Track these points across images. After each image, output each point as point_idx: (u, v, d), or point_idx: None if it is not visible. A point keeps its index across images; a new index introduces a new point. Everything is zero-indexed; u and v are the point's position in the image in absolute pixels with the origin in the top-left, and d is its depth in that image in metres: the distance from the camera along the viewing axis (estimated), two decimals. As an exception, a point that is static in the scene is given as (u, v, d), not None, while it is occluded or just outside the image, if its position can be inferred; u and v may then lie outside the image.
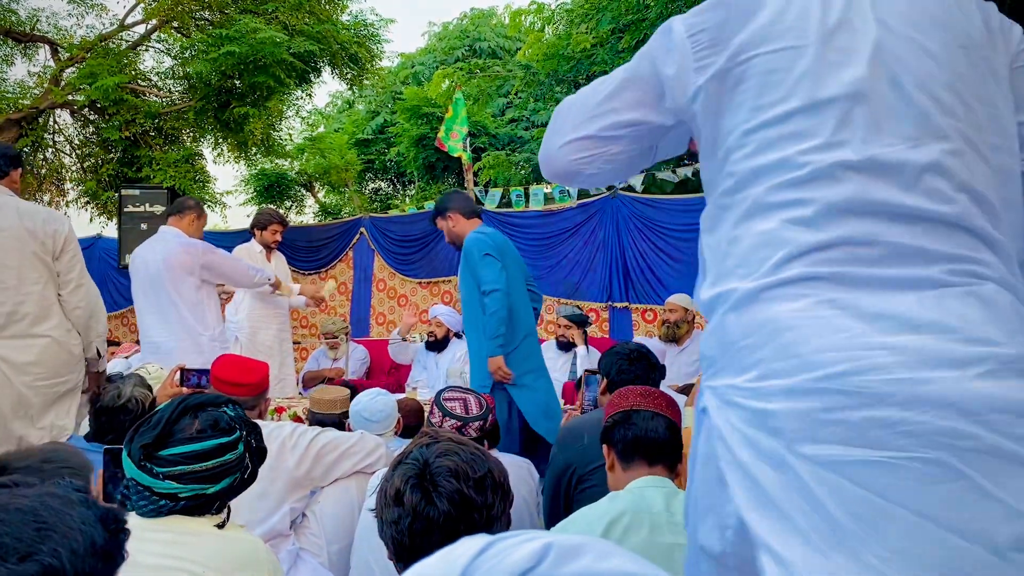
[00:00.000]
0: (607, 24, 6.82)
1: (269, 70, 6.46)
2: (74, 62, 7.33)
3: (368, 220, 7.56)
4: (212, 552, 1.44)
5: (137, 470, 1.43)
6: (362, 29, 7.56)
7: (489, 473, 1.24)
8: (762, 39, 1.06)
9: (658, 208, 6.06)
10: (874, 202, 0.97)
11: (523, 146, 9.69)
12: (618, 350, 2.78)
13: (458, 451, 1.25)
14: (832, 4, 1.05)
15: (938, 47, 1.03)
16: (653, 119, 1.21)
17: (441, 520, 1.18)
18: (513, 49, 11.66)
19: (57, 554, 0.83)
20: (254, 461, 1.57)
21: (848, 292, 0.95)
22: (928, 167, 0.97)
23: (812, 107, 1.02)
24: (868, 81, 1.01)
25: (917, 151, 0.98)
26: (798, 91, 1.03)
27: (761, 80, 1.06)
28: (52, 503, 0.88)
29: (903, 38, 1.03)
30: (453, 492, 1.19)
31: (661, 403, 1.85)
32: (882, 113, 1.00)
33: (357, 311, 7.46)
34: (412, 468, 1.23)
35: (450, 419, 2.33)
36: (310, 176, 10.72)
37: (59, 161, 8.03)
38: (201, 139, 7.98)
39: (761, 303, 1.00)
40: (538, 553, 0.50)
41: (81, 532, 0.87)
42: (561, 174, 1.32)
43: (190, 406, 1.50)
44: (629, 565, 0.49)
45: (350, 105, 14.13)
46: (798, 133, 1.02)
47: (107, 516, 0.92)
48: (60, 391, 2.96)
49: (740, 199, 1.06)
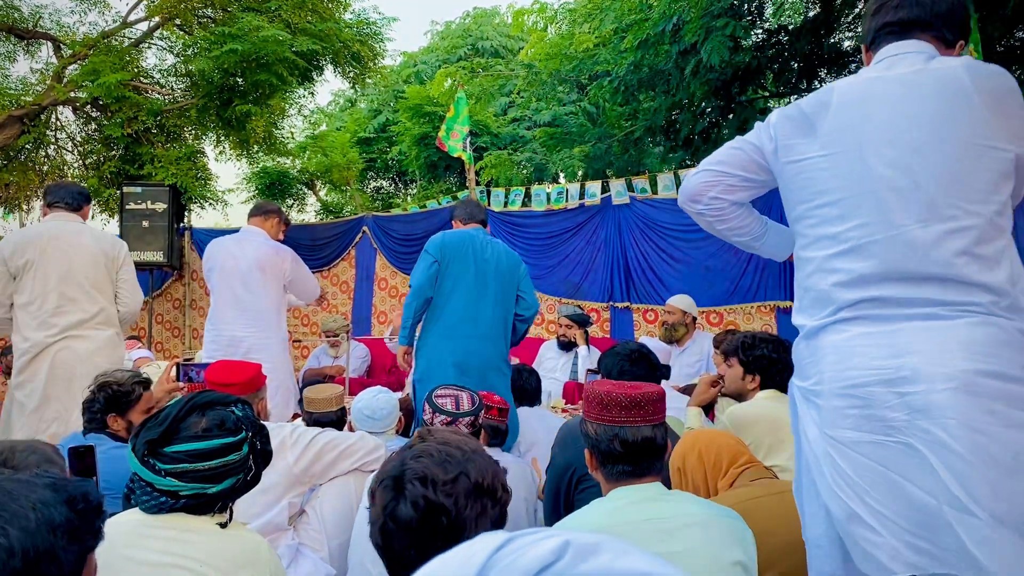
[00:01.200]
0: (609, 24, 6.82)
1: (271, 68, 6.46)
2: (77, 59, 7.33)
3: (371, 219, 7.56)
4: (213, 550, 1.44)
5: (140, 465, 1.43)
6: (365, 28, 7.55)
7: (463, 475, 1.21)
8: (819, 145, 1.57)
9: (659, 208, 6.05)
10: (893, 271, 1.45)
11: (525, 145, 9.68)
12: (619, 350, 2.76)
13: (433, 452, 1.24)
14: (866, 117, 1.51)
15: (945, 146, 1.43)
16: (756, 172, 1.76)
17: (404, 524, 1.18)
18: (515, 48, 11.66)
19: (4, 531, 0.87)
20: (258, 463, 1.56)
21: (873, 327, 1.47)
22: (933, 243, 1.42)
23: (853, 197, 1.50)
24: (892, 178, 1.46)
25: (925, 230, 1.42)
26: (844, 184, 1.52)
27: (816, 174, 1.57)
28: (7, 486, 0.93)
29: (918, 143, 1.45)
30: (418, 497, 1.18)
31: (648, 412, 1.70)
32: (902, 201, 1.45)
33: (358, 310, 7.47)
34: (390, 469, 1.24)
35: (440, 415, 2.35)
36: (312, 174, 10.72)
37: (61, 158, 8.03)
38: (203, 137, 7.98)
39: (819, 336, 1.56)
40: (556, 550, 0.50)
41: (35, 510, 0.91)
42: (690, 193, 1.82)
43: (198, 404, 1.49)
44: (646, 564, 0.50)
45: (352, 103, 14.13)
46: (843, 216, 1.52)
47: (74, 497, 0.96)
48: None
49: (808, 258, 1.61)
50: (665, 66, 6.71)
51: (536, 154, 8.83)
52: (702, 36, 5.63)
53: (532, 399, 3.61)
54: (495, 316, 3.43)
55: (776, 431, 2.60)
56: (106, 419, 2.50)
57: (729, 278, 5.70)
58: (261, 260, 3.98)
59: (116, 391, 2.52)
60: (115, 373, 2.62)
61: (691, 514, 1.61)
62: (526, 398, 3.57)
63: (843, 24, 7.20)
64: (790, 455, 2.54)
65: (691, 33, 5.68)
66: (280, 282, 4.07)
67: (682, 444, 2.29)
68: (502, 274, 3.48)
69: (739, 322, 5.65)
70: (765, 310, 5.60)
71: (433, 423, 2.33)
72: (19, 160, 7.65)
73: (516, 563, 0.50)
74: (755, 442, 2.55)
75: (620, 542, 0.51)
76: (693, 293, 5.24)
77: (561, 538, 0.51)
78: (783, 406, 2.73)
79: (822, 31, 6.78)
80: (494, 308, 3.43)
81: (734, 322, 5.66)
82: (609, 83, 7.23)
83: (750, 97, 7.63)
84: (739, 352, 2.85)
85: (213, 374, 2.61)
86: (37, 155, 7.85)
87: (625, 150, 7.97)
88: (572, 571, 0.49)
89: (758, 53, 6.95)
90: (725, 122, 7.62)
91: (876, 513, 1.40)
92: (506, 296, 3.48)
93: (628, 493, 1.65)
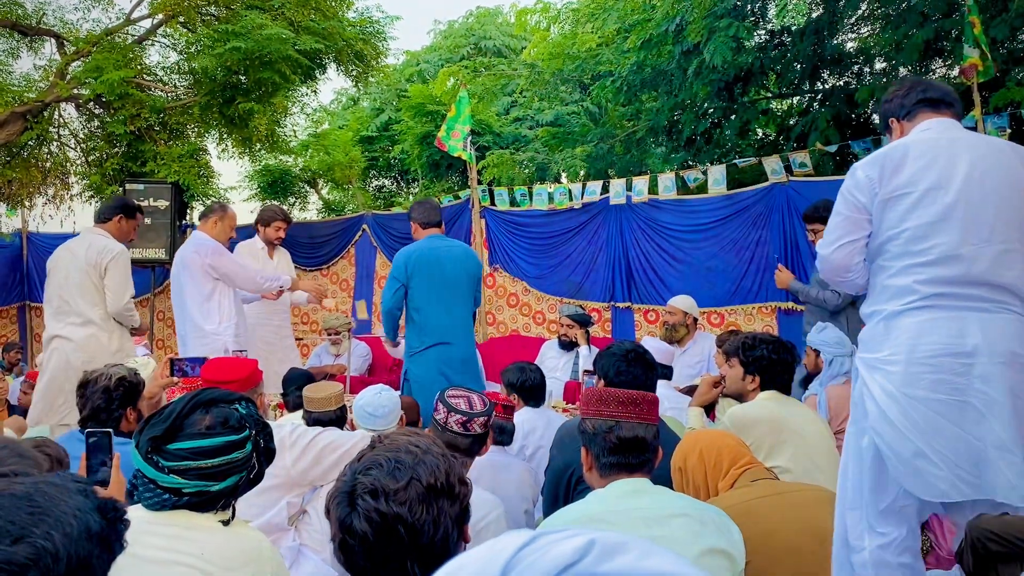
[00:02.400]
0: (613, 24, 6.81)
1: (274, 66, 6.46)
2: (80, 56, 7.33)
3: (371, 217, 7.56)
4: (216, 548, 1.44)
5: (143, 462, 1.43)
6: (368, 26, 7.54)
7: (415, 480, 1.18)
8: (905, 183, 2.06)
9: (661, 209, 6.05)
10: (961, 276, 1.98)
11: (527, 145, 9.67)
12: (615, 351, 2.75)
13: (383, 462, 1.21)
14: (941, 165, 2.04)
15: (1001, 187, 2.01)
16: (865, 224, 2.17)
17: (361, 538, 1.15)
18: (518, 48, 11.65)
19: (50, 537, 0.84)
20: (261, 461, 1.55)
21: (942, 313, 1.98)
22: (993, 258, 1.97)
23: (932, 223, 2.02)
24: (960, 208, 2.00)
25: (987, 248, 1.98)
26: (925, 213, 2.03)
27: (904, 205, 2.06)
28: (47, 490, 0.90)
29: (980, 184, 2.01)
30: (371, 511, 1.15)
31: (643, 410, 1.80)
32: (969, 225, 1.99)
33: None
34: (342, 485, 1.22)
35: (455, 414, 2.37)
36: (314, 173, 10.71)
37: (64, 155, 8.03)
38: (206, 134, 7.97)
39: (899, 317, 2.04)
40: (582, 548, 0.50)
41: (75, 517, 0.88)
42: (838, 268, 2.23)
43: (202, 401, 1.49)
44: (671, 565, 0.49)
45: (355, 102, 14.11)
46: (925, 236, 2.03)
47: (105, 505, 0.95)
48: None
49: (890, 266, 2.10)
50: (668, 66, 6.71)
51: (538, 154, 8.82)
52: (705, 36, 5.63)
53: (537, 397, 3.58)
54: (465, 313, 4.13)
55: (777, 432, 2.60)
56: (125, 412, 2.53)
57: (731, 279, 5.70)
58: (184, 259, 4.56)
59: (131, 384, 2.55)
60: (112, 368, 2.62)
61: (676, 506, 1.70)
62: (532, 397, 3.55)
63: (845, 26, 7.19)
64: (791, 455, 2.55)
65: (694, 33, 5.68)
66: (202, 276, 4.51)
67: (683, 444, 2.29)
68: (469, 274, 4.15)
69: (740, 323, 5.65)
70: (766, 311, 5.59)
71: (447, 422, 2.37)
72: (22, 157, 7.65)
73: (540, 561, 0.50)
74: (756, 443, 2.55)
75: (645, 543, 0.51)
76: (694, 293, 5.24)
77: (586, 537, 0.51)
78: (783, 407, 2.73)
79: (825, 33, 6.78)
80: (463, 307, 4.11)
81: (735, 323, 5.66)
82: (612, 83, 7.22)
83: (752, 98, 7.63)
84: (739, 352, 2.86)
85: (210, 372, 2.62)
86: (40, 152, 7.84)
87: (627, 150, 7.97)
88: (596, 570, 0.48)
89: (760, 54, 6.94)
90: (727, 123, 7.62)
91: (938, 452, 1.90)
92: (470, 293, 4.16)
93: (619, 486, 1.74)
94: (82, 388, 2.55)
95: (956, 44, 5.51)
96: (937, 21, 5.84)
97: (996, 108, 5.18)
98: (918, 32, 5.81)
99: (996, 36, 5.34)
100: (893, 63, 6.92)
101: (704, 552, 1.62)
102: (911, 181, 2.05)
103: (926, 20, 5.88)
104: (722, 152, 7.85)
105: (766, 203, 5.50)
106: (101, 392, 2.51)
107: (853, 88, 6.96)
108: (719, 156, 7.62)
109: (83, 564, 0.87)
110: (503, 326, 6.97)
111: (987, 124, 4.80)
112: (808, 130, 6.82)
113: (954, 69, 6.38)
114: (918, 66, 6.60)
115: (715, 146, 7.81)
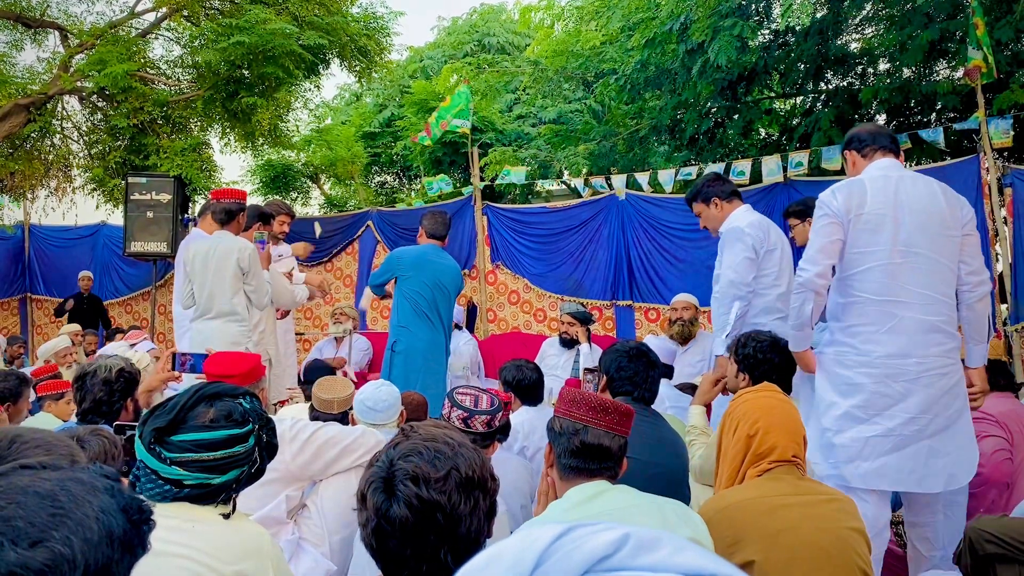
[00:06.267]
0: (617, 22, 6.81)
1: (278, 61, 6.46)
2: (83, 48, 7.33)
3: (376, 213, 7.57)
4: (216, 540, 1.45)
5: (146, 452, 1.44)
6: (371, 22, 7.55)
7: (454, 470, 1.20)
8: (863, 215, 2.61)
9: (662, 207, 6.05)
10: (898, 316, 2.57)
11: (530, 143, 9.66)
12: (618, 347, 2.76)
13: (422, 450, 1.22)
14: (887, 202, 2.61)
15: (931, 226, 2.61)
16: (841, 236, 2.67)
17: (399, 524, 1.17)
18: (522, 45, 11.63)
19: (69, 542, 0.80)
20: (263, 456, 1.56)
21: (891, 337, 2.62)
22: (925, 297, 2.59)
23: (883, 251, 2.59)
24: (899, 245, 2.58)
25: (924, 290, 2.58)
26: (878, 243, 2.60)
27: (860, 233, 2.62)
28: (73, 488, 0.85)
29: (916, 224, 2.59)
30: (411, 496, 1.17)
31: (613, 420, 1.77)
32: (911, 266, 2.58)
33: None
34: (378, 470, 1.23)
35: (457, 409, 2.42)
36: (316, 168, 10.72)
37: (67, 147, 8.04)
38: (209, 128, 7.98)
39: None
40: (616, 542, 0.51)
41: (98, 521, 0.83)
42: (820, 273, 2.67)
43: (206, 394, 1.49)
44: (704, 561, 0.50)
45: (358, 98, 14.10)
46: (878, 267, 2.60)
47: (130, 506, 0.89)
48: None
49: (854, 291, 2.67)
50: (672, 65, 6.70)
51: (541, 151, 8.81)
52: (709, 36, 5.62)
53: (533, 396, 3.56)
54: (447, 314, 4.56)
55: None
56: (125, 403, 2.54)
57: (732, 278, 5.69)
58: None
59: (130, 374, 2.56)
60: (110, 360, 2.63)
61: (638, 504, 1.71)
62: (528, 395, 3.53)
63: (850, 26, 7.19)
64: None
65: (699, 32, 5.67)
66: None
67: (750, 410, 2.06)
68: (455, 284, 4.63)
69: (741, 322, 5.65)
70: (767, 311, 5.59)
71: (450, 418, 2.40)
72: (24, 149, 7.66)
73: (575, 552, 0.50)
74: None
75: (677, 539, 0.52)
76: (695, 292, 5.24)
77: (621, 531, 0.52)
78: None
79: (829, 33, 6.77)
80: (447, 307, 4.56)
81: (736, 322, 5.66)
82: (615, 81, 7.22)
83: (756, 98, 7.62)
84: (732, 350, 2.88)
85: (212, 366, 2.62)
86: (43, 144, 7.86)
87: (630, 148, 7.96)
88: (631, 563, 0.49)
89: (764, 54, 6.93)
90: (730, 122, 7.61)
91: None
92: (451, 302, 4.67)
93: (578, 492, 1.73)
94: (80, 381, 2.55)
95: (960, 46, 5.51)
96: (942, 22, 5.83)
97: (1000, 110, 5.18)
98: (922, 33, 5.80)
99: (1001, 38, 5.33)
100: (897, 64, 6.91)
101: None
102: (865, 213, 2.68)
103: (931, 21, 5.88)
104: (725, 151, 7.85)
105: (766, 203, 5.50)
106: (101, 384, 2.51)
107: (857, 89, 6.95)
108: (722, 155, 7.61)
109: (102, 571, 0.82)
110: (504, 323, 6.98)
111: (991, 127, 4.80)
112: (811, 130, 6.82)
113: (958, 71, 6.37)
114: (922, 67, 6.59)
115: (718, 145, 7.81)
